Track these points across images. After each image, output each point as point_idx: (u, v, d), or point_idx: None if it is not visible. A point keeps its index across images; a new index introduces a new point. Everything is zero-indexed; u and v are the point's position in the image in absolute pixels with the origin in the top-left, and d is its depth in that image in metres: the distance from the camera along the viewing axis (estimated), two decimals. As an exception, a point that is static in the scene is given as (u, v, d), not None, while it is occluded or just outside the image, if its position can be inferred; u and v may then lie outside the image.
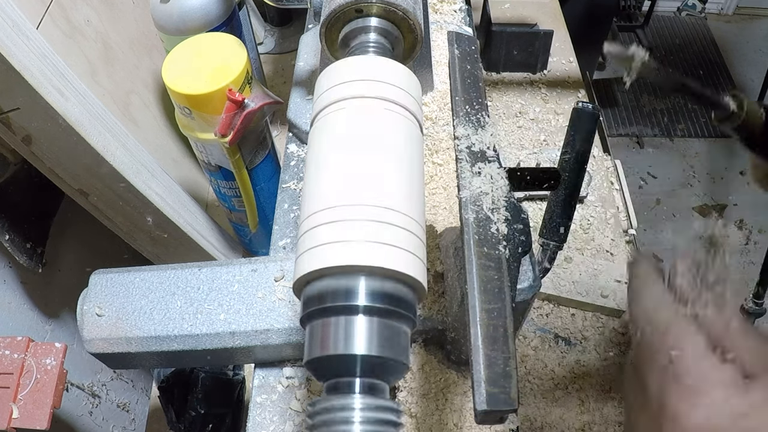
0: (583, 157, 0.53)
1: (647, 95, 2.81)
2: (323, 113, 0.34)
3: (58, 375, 0.66)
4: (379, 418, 0.28)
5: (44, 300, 0.92)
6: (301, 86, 0.78)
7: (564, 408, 0.74)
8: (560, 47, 1.22)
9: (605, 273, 0.85)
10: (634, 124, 2.70)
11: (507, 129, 1.07)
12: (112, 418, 1.05)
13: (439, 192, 0.66)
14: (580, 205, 0.95)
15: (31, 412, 0.64)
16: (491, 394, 0.31)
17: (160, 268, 0.58)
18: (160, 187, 0.86)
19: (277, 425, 0.55)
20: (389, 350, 0.29)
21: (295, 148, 0.77)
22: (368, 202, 0.30)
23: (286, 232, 0.70)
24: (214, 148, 0.84)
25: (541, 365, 0.77)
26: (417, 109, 0.36)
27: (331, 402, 0.28)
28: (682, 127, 2.70)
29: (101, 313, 0.55)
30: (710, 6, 3.16)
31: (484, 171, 0.42)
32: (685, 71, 2.90)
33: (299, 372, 0.58)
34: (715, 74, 2.90)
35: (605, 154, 1.06)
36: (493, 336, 0.33)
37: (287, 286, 0.56)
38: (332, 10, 0.43)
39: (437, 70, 0.74)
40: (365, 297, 0.29)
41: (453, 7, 0.85)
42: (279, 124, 1.27)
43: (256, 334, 0.55)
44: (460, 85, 0.47)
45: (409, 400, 0.55)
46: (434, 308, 0.56)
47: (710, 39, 3.05)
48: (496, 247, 0.38)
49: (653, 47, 2.96)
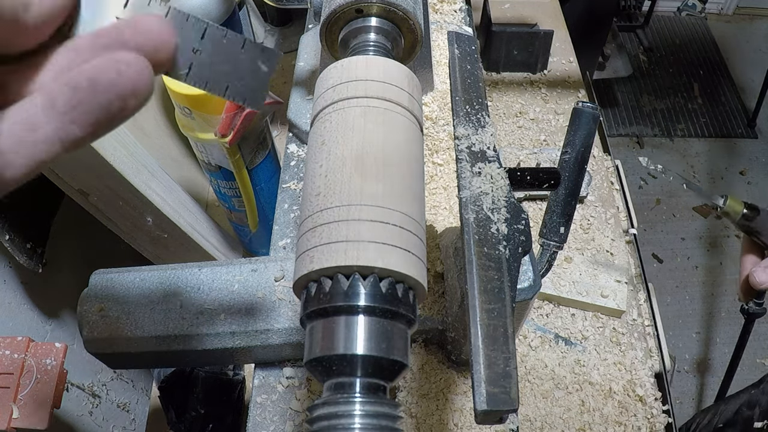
0: (583, 157, 0.53)
1: (647, 95, 2.81)
2: (323, 113, 0.34)
3: (58, 375, 0.66)
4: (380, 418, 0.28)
5: (44, 300, 0.92)
6: (301, 86, 0.78)
7: (564, 408, 0.74)
8: (560, 47, 1.22)
9: (605, 273, 0.85)
10: (634, 124, 2.70)
11: (507, 129, 1.07)
12: (112, 418, 1.05)
13: (439, 192, 0.66)
14: (580, 205, 0.95)
15: (31, 412, 0.64)
16: (491, 394, 0.31)
17: (160, 268, 0.58)
18: (160, 187, 0.86)
19: (277, 425, 0.55)
20: (390, 350, 0.29)
21: (295, 148, 0.77)
22: (368, 202, 0.30)
23: (286, 232, 0.70)
24: (214, 148, 0.84)
25: (541, 365, 0.77)
26: (417, 109, 0.36)
27: (331, 402, 0.28)
28: (682, 127, 2.70)
29: (101, 313, 0.55)
30: (710, 6, 3.16)
31: (484, 171, 0.42)
32: (685, 71, 2.90)
33: (299, 372, 0.58)
34: (715, 74, 2.90)
35: (605, 154, 1.06)
36: (493, 336, 0.33)
37: (287, 286, 0.56)
38: (332, 10, 0.43)
39: (437, 70, 0.74)
40: (365, 297, 0.29)
41: (453, 7, 0.85)
42: (279, 124, 1.27)
43: (256, 334, 0.55)
44: (460, 85, 0.47)
45: (409, 400, 0.55)
46: (434, 308, 0.56)
47: (710, 39, 3.05)
48: (496, 247, 0.38)
49: (653, 47, 2.96)
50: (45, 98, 0.24)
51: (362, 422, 0.27)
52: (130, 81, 0.24)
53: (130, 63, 0.24)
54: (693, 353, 2.07)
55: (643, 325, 0.84)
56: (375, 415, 0.27)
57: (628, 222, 0.96)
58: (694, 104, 2.78)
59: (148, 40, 0.26)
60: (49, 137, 0.24)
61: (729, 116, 2.74)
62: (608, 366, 0.78)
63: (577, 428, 0.73)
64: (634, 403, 0.76)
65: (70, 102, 0.24)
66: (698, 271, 2.26)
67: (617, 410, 0.75)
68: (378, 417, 0.28)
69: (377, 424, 0.27)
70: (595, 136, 0.54)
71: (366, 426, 0.27)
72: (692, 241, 2.34)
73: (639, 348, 0.80)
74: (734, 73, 2.90)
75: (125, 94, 0.24)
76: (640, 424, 0.74)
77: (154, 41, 0.26)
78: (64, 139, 0.24)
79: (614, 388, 0.76)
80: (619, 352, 0.80)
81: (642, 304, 0.87)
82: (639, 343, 0.81)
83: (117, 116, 0.25)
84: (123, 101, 0.24)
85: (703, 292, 2.21)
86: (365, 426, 0.27)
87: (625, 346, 0.80)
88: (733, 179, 2.53)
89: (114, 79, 0.24)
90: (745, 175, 2.54)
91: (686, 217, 2.40)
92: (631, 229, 0.95)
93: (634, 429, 0.74)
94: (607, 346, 0.80)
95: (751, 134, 2.67)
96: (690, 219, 2.39)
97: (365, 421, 0.27)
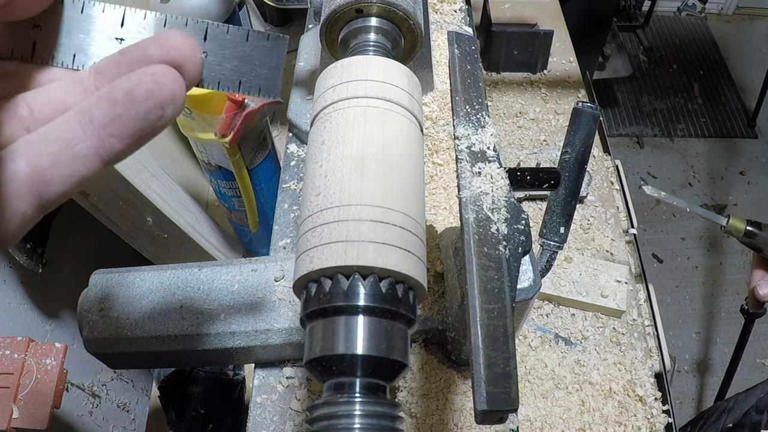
0: (583, 157, 0.53)
1: (647, 95, 2.81)
2: (323, 113, 0.34)
3: (58, 375, 0.66)
4: (380, 418, 0.28)
5: (44, 300, 0.92)
6: (301, 86, 0.78)
7: (564, 408, 0.74)
8: (560, 47, 1.22)
9: (605, 273, 0.85)
10: (634, 124, 2.70)
11: (507, 129, 1.07)
12: (112, 418, 1.05)
13: (439, 192, 0.66)
14: (580, 205, 0.95)
15: (31, 412, 0.64)
16: (491, 394, 0.31)
17: (160, 268, 0.58)
18: (160, 187, 0.86)
19: (277, 425, 0.55)
20: (390, 350, 0.29)
21: (295, 148, 0.77)
22: (368, 202, 0.30)
23: (286, 232, 0.70)
24: (214, 148, 0.84)
25: (541, 365, 0.77)
26: (417, 109, 0.36)
27: (331, 402, 0.28)
28: (682, 127, 2.70)
29: (101, 313, 0.55)
30: (710, 6, 3.16)
31: (484, 171, 0.42)
32: (685, 71, 2.90)
33: (299, 372, 0.58)
34: (715, 74, 2.90)
35: (605, 154, 1.06)
36: (493, 336, 0.33)
37: (287, 286, 0.56)
38: (332, 10, 0.43)
39: (437, 70, 0.74)
40: (365, 297, 0.29)
41: (453, 7, 0.85)
42: (279, 124, 1.27)
43: (256, 334, 0.55)
44: (460, 85, 0.47)
45: (409, 400, 0.55)
46: (434, 308, 0.56)
47: (710, 39, 3.05)
48: (496, 247, 0.38)
49: (653, 47, 2.96)
50: (81, 114, 0.25)
51: (362, 422, 0.27)
52: (168, 90, 0.25)
53: (165, 74, 0.25)
54: (693, 353, 2.07)
55: (643, 325, 0.84)
56: (375, 415, 0.27)
57: (628, 222, 0.96)
58: (694, 104, 2.78)
59: (175, 55, 0.26)
60: (88, 153, 0.24)
61: (729, 116, 2.74)
62: (608, 366, 0.78)
63: (577, 428, 0.73)
64: (634, 403, 0.76)
65: (109, 115, 0.24)
66: (698, 271, 2.26)
67: (617, 410, 0.75)
68: (378, 417, 0.28)
69: (377, 424, 0.27)
70: (595, 136, 0.54)
71: (366, 426, 0.27)
72: (692, 241, 2.34)
73: (639, 348, 0.80)
74: (734, 73, 2.90)
75: (164, 102, 0.25)
76: (640, 424, 0.74)
77: (180, 56, 0.26)
78: (103, 154, 0.25)
79: (614, 388, 0.76)
80: (619, 352, 0.80)
81: (642, 304, 0.87)
82: (639, 343, 0.81)
83: (155, 126, 0.25)
84: (161, 110, 0.25)
85: (703, 292, 2.21)
86: (365, 426, 0.27)
87: (625, 346, 0.80)
88: (733, 179, 2.53)
89: (152, 90, 0.25)
90: (745, 175, 2.54)
91: (686, 217, 2.40)
92: (631, 229, 0.95)
93: (634, 429, 0.74)
94: (607, 346, 0.80)
95: (751, 134, 2.67)
96: (690, 219, 2.39)
97: (365, 421, 0.27)
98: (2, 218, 0.24)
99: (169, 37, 0.27)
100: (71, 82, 0.27)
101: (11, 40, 0.28)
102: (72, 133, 0.24)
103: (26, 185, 0.24)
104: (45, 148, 0.24)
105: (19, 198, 0.24)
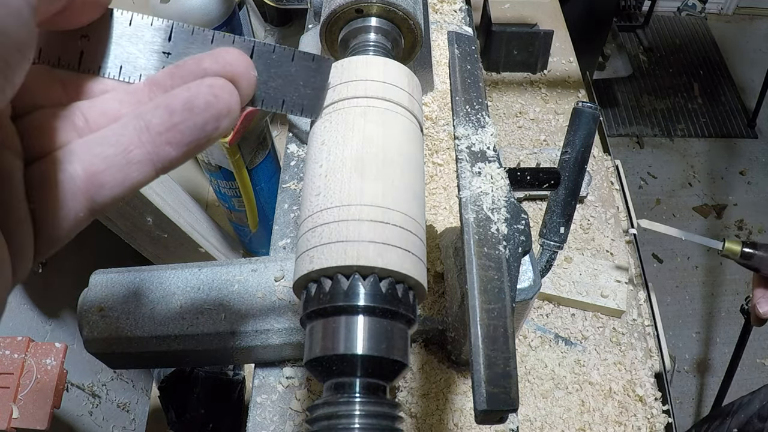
0: (583, 157, 0.53)
1: (647, 95, 2.81)
2: (323, 113, 0.34)
3: (58, 375, 0.66)
4: (380, 418, 0.28)
5: (44, 300, 0.92)
6: (301, 86, 0.78)
7: (564, 408, 0.74)
8: (560, 47, 1.22)
9: (605, 273, 0.85)
10: (634, 124, 2.71)
11: (507, 129, 1.07)
12: (112, 418, 1.05)
13: (439, 192, 0.66)
14: (580, 205, 0.95)
15: (31, 412, 0.64)
16: (491, 394, 0.31)
17: (160, 268, 0.58)
18: (160, 187, 0.86)
19: (277, 425, 0.55)
20: (390, 350, 0.29)
21: (295, 148, 0.77)
22: (368, 202, 0.30)
23: (286, 232, 0.70)
24: (214, 148, 0.84)
25: (541, 365, 0.77)
26: (417, 109, 0.36)
27: (331, 402, 0.28)
28: (682, 127, 2.70)
29: (101, 313, 0.55)
30: (710, 6, 3.16)
31: (484, 171, 0.42)
32: (685, 71, 2.90)
33: (299, 372, 0.58)
34: (715, 74, 2.90)
35: (605, 154, 1.06)
36: (493, 336, 0.33)
37: (287, 286, 0.56)
38: (332, 10, 0.43)
39: (437, 70, 0.74)
40: (365, 297, 0.29)
41: (453, 7, 0.85)
42: (279, 124, 1.27)
43: (256, 334, 0.55)
44: (460, 85, 0.47)
45: (409, 400, 0.55)
46: (434, 308, 0.56)
47: (710, 39, 3.05)
48: (496, 247, 0.38)
49: (653, 47, 2.96)
50: (137, 121, 0.25)
51: (362, 422, 0.27)
52: (225, 103, 0.25)
53: (222, 86, 0.26)
54: (693, 353, 2.07)
55: (643, 325, 0.84)
56: (375, 415, 0.27)
57: (628, 222, 0.96)
58: (694, 104, 2.78)
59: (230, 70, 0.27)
60: (143, 159, 0.25)
61: (729, 116, 2.74)
62: (608, 366, 0.78)
63: (577, 428, 0.73)
64: (634, 403, 0.76)
65: (166, 123, 0.25)
66: (698, 271, 2.26)
67: (617, 410, 0.75)
68: (378, 417, 0.28)
69: (377, 424, 0.27)
70: (595, 136, 0.54)
71: (366, 426, 0.27)
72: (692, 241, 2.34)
73: (639, 348, 0.80)
74: (734, 73, 2.90)
75: (221, 114, 0.25)
76: (640, 424, 0.74)
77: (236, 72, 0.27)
78: (157, 161, 0.25)
79: (614, 388, 0.76)
80: (619, 352, 0.80)
81: (642, 304, 0.87)
82: (639, 343, 0.81)
83: (210, 137, 0.26)
84: (217, 122, 0.25)
85: (703, 292, 2.21)
86: (365, 426, 0.27)
87: (625, 346, 0.80)
88: (733, 179, 2.53)
89: (210, 102, 0.25)
90: (745, 175, 2.54)
91: (686, 217, 2.40)
92: (631, 229, 0.95)
93: (634, 429, 0.74)
94: (607, 346, 0.80)
95: (751, 134, 2.67)
96: (690, 219, 2.39)
97: (365, 421, 0.27)
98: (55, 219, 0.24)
99: (225, 53, 0.27)
100: (125, 93, 0.27)
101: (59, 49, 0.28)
102: (128, 139, 0.25)
103: (80, 187, 0.24)
104: (101, 151, 0.24)
105: (74, 199, 0.24)
